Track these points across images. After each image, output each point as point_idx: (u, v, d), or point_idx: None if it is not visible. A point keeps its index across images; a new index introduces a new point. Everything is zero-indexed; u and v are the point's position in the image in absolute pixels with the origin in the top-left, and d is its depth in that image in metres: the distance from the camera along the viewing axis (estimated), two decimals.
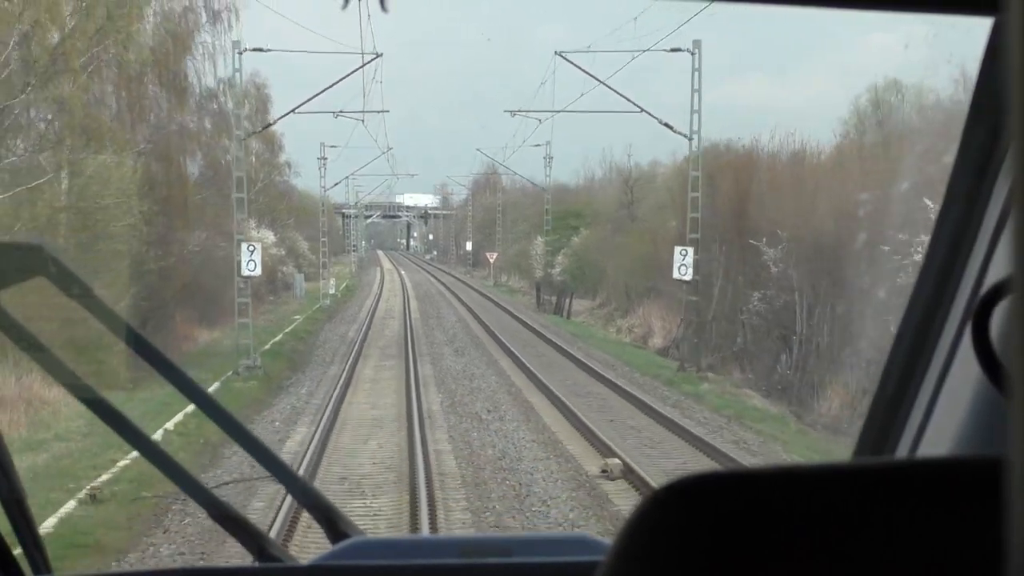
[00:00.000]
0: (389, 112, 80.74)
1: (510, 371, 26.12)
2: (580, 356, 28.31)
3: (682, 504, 0.83)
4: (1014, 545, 0.54)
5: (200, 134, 35.23)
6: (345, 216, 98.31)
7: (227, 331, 32.10)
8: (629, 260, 42.60)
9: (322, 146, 51.63)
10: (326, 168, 51.06)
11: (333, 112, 34.65)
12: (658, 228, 39.33)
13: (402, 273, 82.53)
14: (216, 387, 22.68)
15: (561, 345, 31.04)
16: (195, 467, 15.06)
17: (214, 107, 35.91)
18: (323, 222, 52.43)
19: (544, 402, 21.31)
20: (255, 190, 40.92)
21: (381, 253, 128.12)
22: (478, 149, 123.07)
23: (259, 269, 26.72)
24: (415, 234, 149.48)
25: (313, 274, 54.28)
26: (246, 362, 25.56)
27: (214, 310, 34.55)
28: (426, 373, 25.46)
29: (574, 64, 29.20)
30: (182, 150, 31.96)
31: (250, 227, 29.09)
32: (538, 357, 28.19)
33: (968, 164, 1.76)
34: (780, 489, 0.84)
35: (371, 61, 29.26)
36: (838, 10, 1.59)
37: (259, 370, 25.50)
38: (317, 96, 29.08)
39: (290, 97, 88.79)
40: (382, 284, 68.08)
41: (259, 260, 26.34)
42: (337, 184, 73.12)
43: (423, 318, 41.95)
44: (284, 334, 34.06)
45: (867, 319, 22.18)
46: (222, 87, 34.13)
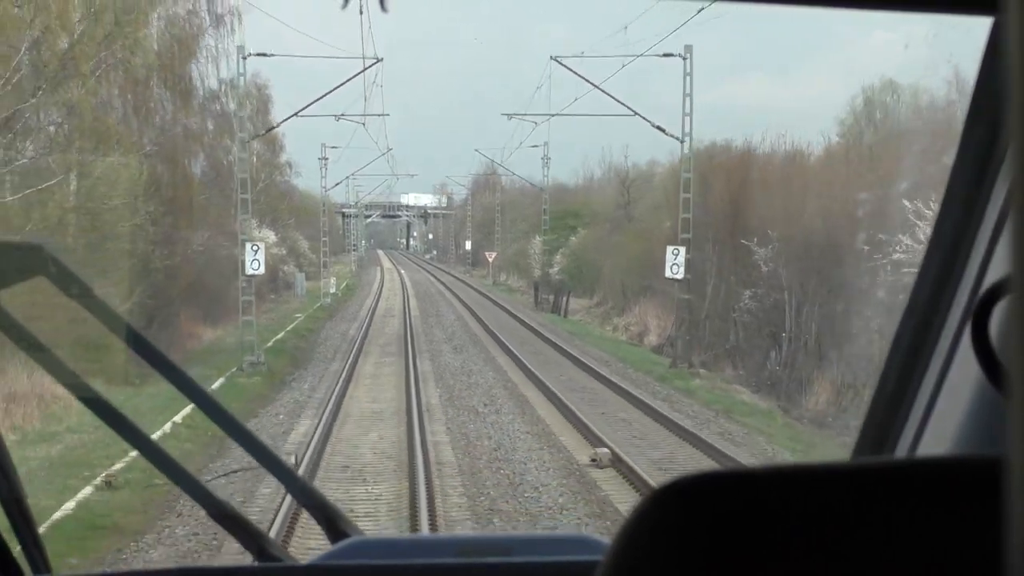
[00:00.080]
0: (389, 116, 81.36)
1: (507, 367, 26.66)
2: (576, 353, 28.81)
3: (680, 504, 0.83)
4: (1013, 545, 0.54)
5: (203, 135, 35.89)
6: (345, 216, 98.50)
7: (230, 329, 32.72)
8: (625, 259, 42.81)
9: (323, 147, 52.28)
10: (327, 169, 51.69)
11: (335, 116, 35.42)
12: (654, 228, 39.76)
13: (402, 272, 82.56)
14: (221, 382, 23.34)
15: (557, 343, 31.53)
16: (203, 458, 15.75)
17: (216, 108, 36.63)
18: (324, 222, 53.04)
19: (539, 396, 21.94)
20: (256, 190, 41.45)
21: (381, 252, 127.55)
22: (477, 150, 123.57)
23: (263, 268, 27.43)
24: (415, 233, 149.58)
25: (313, 273, 54.42)
26: (250, 358, 26.21)
27: (217, 308, 35.09)
28: (425, 369, 25.99)
29: (569, 69, 29.87)
30: (187, 152, 32.61)
31: (252, 227, 29.65)
32: (535, 354, 28.68)
33: (967, 164, 1.76)
34: (779, 489, 0.84)
35: (372, 66, 29.97)
36: (838, 9, 1.61)
37: (263, 366, 26.10)
38: (322, 97, 29.82)
39: (290, 98, 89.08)
40: (382, 283, 68.23)
41: (263, 259, 27.04)
42: (338, 184, 73.76)
43: (422, 316, 42.39)
44: (286, 332, 34.55)
45: (851, 317, 22.92)
46: (224, 88, 34.81)
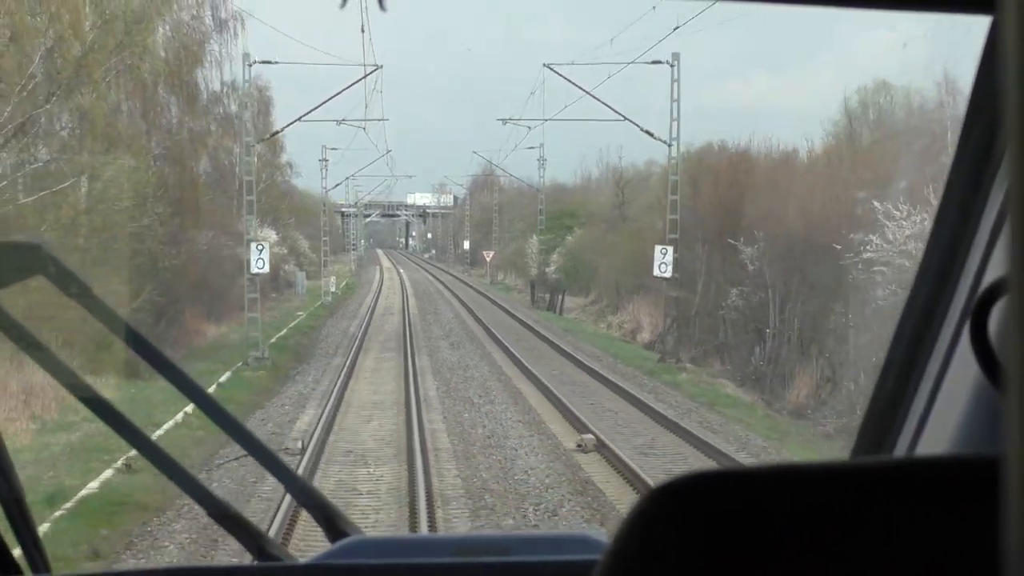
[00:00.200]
0: (388, 120, 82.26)
1: (502, 362, 27.56)
2: (569, 349, 29.67)
3: (678, 503, 0.83)
4: (1011, 544, 0.54)
5: (207, 137, 36.96)
6: (344, 215, 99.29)
7: (233, 326, 33.75)
8: (620, 258, 43.49)
9: (323, 148, 53.35)
10: (327, 170, 52.78)
11: (336, 120, 36.62)
12: (647, 228, 40.69)
13: (401, 272, 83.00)
14: (228, 376, 24.37)
15: (552, 339, 32.36)
16: (214, 444, 16.80)
17: (220, 111, 37.74)
18: (324, 222, 54.05)
19: (532, 389, 22.93)
20: (258, 191, 42.50)
21: (380, 252, 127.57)
22: (474, 152, 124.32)
23: (267, 267, 28.52)
24: (414, 233, 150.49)
25: (314, 272, 55.08)
26: (255, 353, 27.22)
27: (220, 306, 36.06)
28: (423, 364, 26.87)
29: (561, 76, 30.93)
30: (192, 154, 33.70)
31: (252, 226, 30.67)
32: (529, 350, 29.53)
33: (966, 163, 1.75)
34: (777, 488, 0.84)
35: (371, 72, 31.05)
36: (838, 9, 1.61)
37: (267, 361, 27.10)
38: (323, 104, 30.90)
39: (290, 99, 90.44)
40: (381, 282, 68.81)
41: (267, 258, 28.14)
42: (338, 185, 74.60)
43: (421, 314, 43.19)
44: (288, 329, 35.39)
45: (828, 314, 24.03)
46: (225, 90, 35.92)
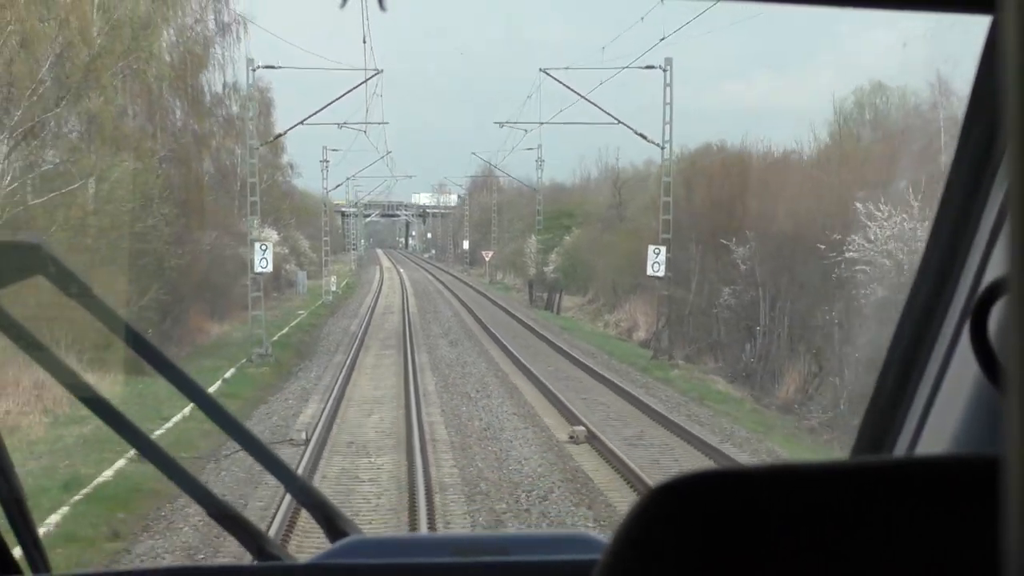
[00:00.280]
0: (388, 124, 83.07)
1: (499, 359, 28.24)
2: (565, 347, 30.33)
3: (678, 503, 0.83)
4: (1011, 543, 0.54)
5: (211, 138, 37.71)
6: (344, 215, 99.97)
7: (235, 324, 34.50)
8: (617, 258, 44.08)
9: (324, 150, 54.10)
10: (328, 171, 53.53)
11: (337, 124, 37.44)
12: (643, 228, 41.37)
13: (401, 271, 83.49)
14: (232, 372, 25.11)
15: (549, 337, 33.00)
16: (222, 436, 17.49)
17: (222, 113, 38.49)
18: (325, 222, 54.75)
19: (527, 384, 23.65)
20: (259, 191, 43.28)
21: (380, 252, 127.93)
22: (473, 153, 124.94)
23: (270, 266, 29.29)
24: (414, 233, 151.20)
25: (314, 272, 55.65)
26: (258, 350, 27.95)
27: (223, 304, 36.78)
28: (422, 361, 27.56)
29: (557, 80, 31.67)
30: (197, 156, 34.45)
31: (253, 226, 31.40)
32: (526, 348, 30.15)
33: (966, 162, 1.75)
34: (777, 488, 0.84)
35: (372, 77, 31.80)
36: (837, 9, 1.62)
37: (270, 358, 27.81)
38: (324, 108, 31.67)
39: (291, 100, 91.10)
40: (381, 282, 69.35)
41: (271, 258, 28.91)
42: (339, 186, 75.34)
43: (420, 313, 43.84)
44: (290, 327, 36.00)
45: (814, 311, 24.78)
46: (227, 91, 36.70)
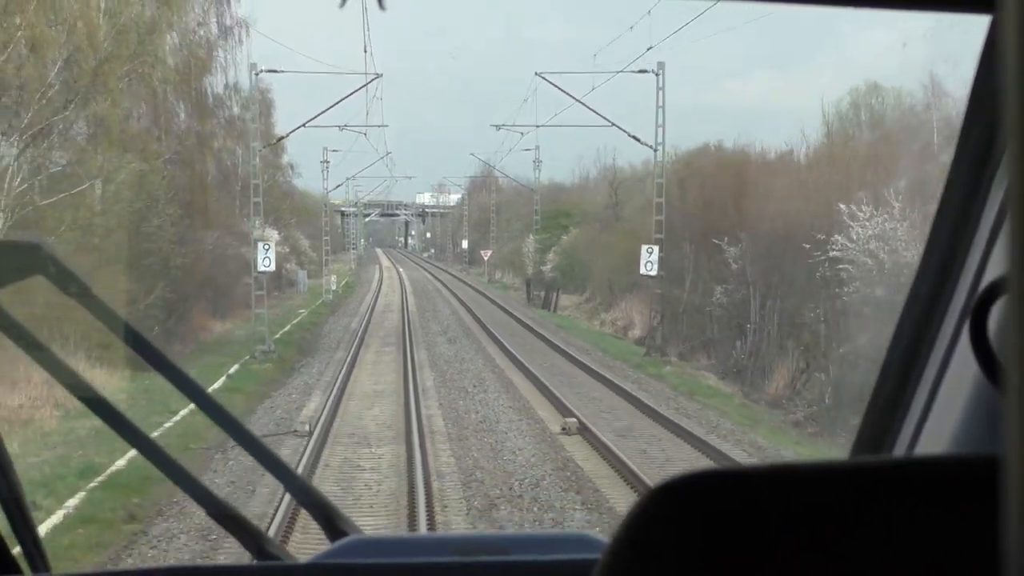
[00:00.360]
0: (388, 127, 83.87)
1: (496, 356, 28.92)
2: (560, 344, 30.99)
3: (677, 503, 0.83)
4: (1011, 543, 0.54)
5: (213, 140, 38.45)
6: (344, 215, 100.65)
7: (238, 322, 35.24)
8: (613, 257, 44.65)
9: (325, 151, 54.84)
10: (329, 171, 54.27)
11: (338, 126, 38.19)
12: (639, 228, 42.04)
13: (400, 270, 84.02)
14: (236, 368, 25.84)
15: (545, 335, 33.65)
16: (223, 433, 18.29)
17: (224, 115, 39.24)
18: (325, 222, 55.45)
19: (523, 379, 24.36)
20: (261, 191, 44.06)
21: (379, 251, 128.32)
22: (472, 153, 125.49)
23: (273, 265, 30.04)
24: (413, 232, 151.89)
25: (314, 271, 56.24)
26: (261, 347, 28.69)
27: (225, 303, 37.50)
28: (421, 358, 28.25)
29: (552, 84, 32.37)
30: (200, 157, 35.19)
31: (255, 226, 32.11)
32: (522, 345, 30.79)
33: (966, 161, 1.75)
34: (776, 488, 0.84)
35: (372, 81, 32.54)
36: (837, 8, 1.64)
37: (273, 354, 28.55)
38: (325, 111, 32.41)
39: (292, 101, 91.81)
40: (381, 281, 69.95)
41: (273, 257, 29.66)
42: (339, 186, 76.13)
43: (420, 311, 44.52)
44: (292, 325, 36.73)
45: (802, 309, 25.51)
46: (228, 92, 37.44)
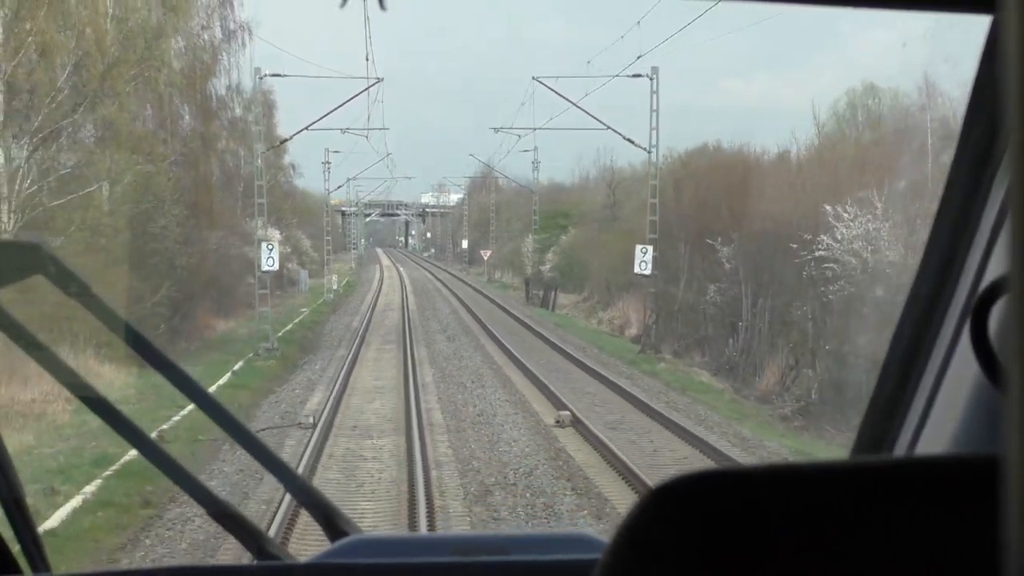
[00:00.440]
0: (389, 130, 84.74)
1: (494, 353, 29.64)
2: (557, 342, 31.70)
3: (677, 503, 0.83)
4: (1011, 543, 0.54)
5: (217, 141, 39.21)
6: (344, 214, 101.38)
7: (241, 321, 35.97)
8: (611, 257, 45.31)
9: (326, 152, 55.62)
10: (330, 171, 55.01)
11: (340, 129, 38.98)
12: (637, 228, 42.72)
13: (400, 270, 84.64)
14: (241, 365, 26.57)
15: (543, 333, 34.33)
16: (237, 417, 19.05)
17: (227, 116, 40.00)
18: (327, 222, 56.16)
19: (519, 375, 25.07)
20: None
21: (380, 251, 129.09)
22: (471, 154, 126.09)
23: (277, 264, 30.80)
24: (413, 232, 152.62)
25: (315, 271, 56.96)
26: (265, 345, 29.45)
27: (228, 302, 38.24)
28: (421, 355, 28.96)
29: (549, 88, 33.06)
30: (205, 159, 35.95)
31: (258, 226, 32.80)
32: (520, 343, 31.51)
33: (966, 161, 1.76)
34: (776, 488, 0.84)
35: (373, 85, 33.28)
36: (837, 8, 1.68)
37: (276, 352, 29.28)
38: (327, 115, 33.15)
39: (292, 102, 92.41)
40: (381, 280, 70.58)
41: (277, 257, 30.41)
42: (340, 187, 76.85)
43: (420, 310, 45.25)
44: (294, 324, 37.39)
45: (790, 307, 26.23)
46: (231, 94, 38.22)
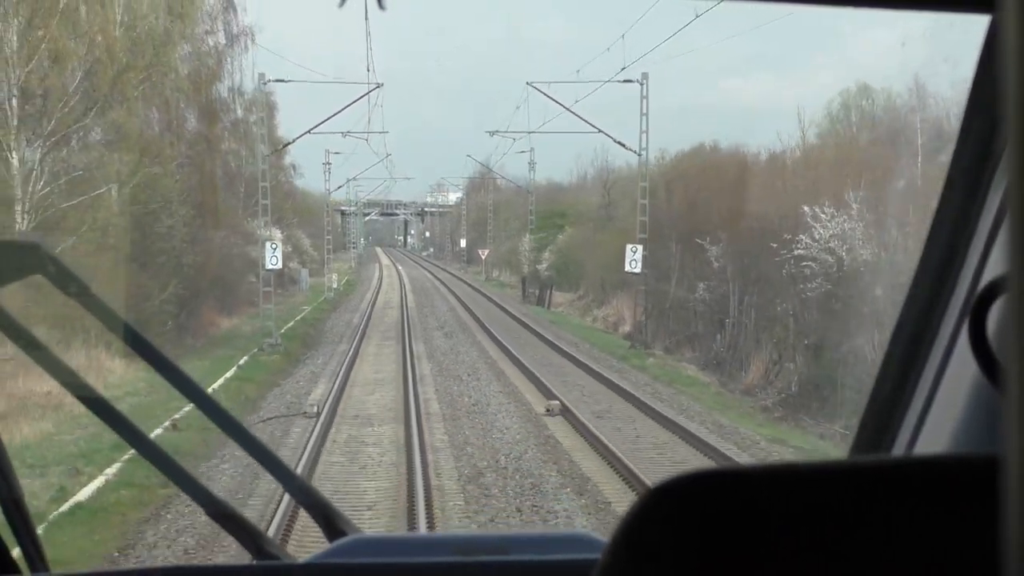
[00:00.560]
0: (388, 133, 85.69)
1: (490, 349, 30.73)
2: (551, 338, 32.75)
3: (675, 503, 0.83)
4: (1010, 543, 0.54)
5: (220, 143, 40.27)
6: (344, 214, 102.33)
7: (244, 318, 37.05)
8: (605, 256, 46.35)
9: (327, 153, 56.67)
10: (330, 172, 56.05)
11: (341, 133, 40.14)
12: (631, 228, 43.75)
13: (400, 269, 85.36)
14: (246, 360, 27.62)
15: (537, 330, 35.34)
16: (240, 413, 20.10)
17: (229, 118, 41.07)
18: (327, 222, 57.18)
19: (513, 369, 26.16)
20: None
21: (379, 250, 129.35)
22: (468, 155, 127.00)
23: (280, 263, 31.92)
24: (412, 231, 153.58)
25: (315, 270, 57.93)
26: (269, 340, 30.54)
27: (231, 300, 39.27)
28: (419, 350, 30.03)
29: (543, 92, 34.09)
30: (210, 161, 37.03)
31: (259, 226, 33.85)
32: (515, 339, 32.56)
33: (965, 161, 1.76)
34: (775, 488, 0.84)
35: (373, 90, 34.37)
36: (837, 8, 1.59)
37: (280, 347, 30.37)
38: (328, 119, 34.25)
39: (293, 102, 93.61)
40: (381, 279, 71.35)
41: (280, 256, 31.54)
42: (340, 187, 77.87)
43: (418, 308, 46.30)
44: (296, 321, 38.43)
45: (773, 304, 27.32)
46: (233, 96, 39.28)
